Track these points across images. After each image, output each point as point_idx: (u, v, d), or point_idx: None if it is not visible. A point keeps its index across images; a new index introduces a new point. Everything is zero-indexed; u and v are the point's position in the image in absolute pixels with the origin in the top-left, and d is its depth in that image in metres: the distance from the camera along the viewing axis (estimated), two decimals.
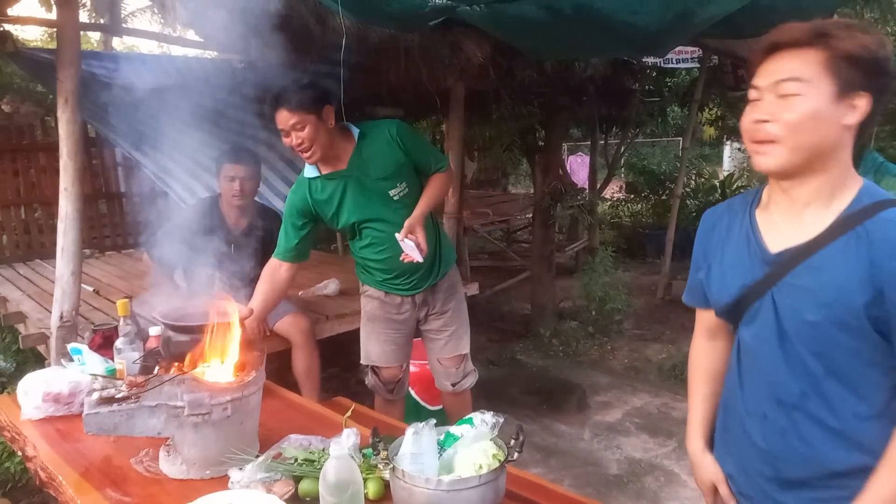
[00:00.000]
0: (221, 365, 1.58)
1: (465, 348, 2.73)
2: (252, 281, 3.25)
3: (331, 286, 3.90)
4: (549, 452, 3.36)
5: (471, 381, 2.77)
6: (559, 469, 3.20)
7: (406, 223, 2.34)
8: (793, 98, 1.14)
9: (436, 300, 2.69)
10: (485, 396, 3.56)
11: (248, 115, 4.53)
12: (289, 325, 3.25)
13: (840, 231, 1.15)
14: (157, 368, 1.63)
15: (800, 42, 1.15)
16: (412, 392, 3.29)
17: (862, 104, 1.13)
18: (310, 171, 2.49)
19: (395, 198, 2.45)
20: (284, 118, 2.32)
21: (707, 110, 7.86)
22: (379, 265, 2.61)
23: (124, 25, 5.27)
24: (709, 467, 1.43)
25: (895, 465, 1.13)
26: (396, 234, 2.35)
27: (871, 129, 1.17)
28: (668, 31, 2.58)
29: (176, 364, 1.56)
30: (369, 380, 2.81)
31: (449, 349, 2.73)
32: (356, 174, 2.42)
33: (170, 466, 1.57)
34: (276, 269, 2.65)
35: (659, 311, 5.73)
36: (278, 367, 3.19)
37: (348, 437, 1.26)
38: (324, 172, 2.46)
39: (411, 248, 2.32)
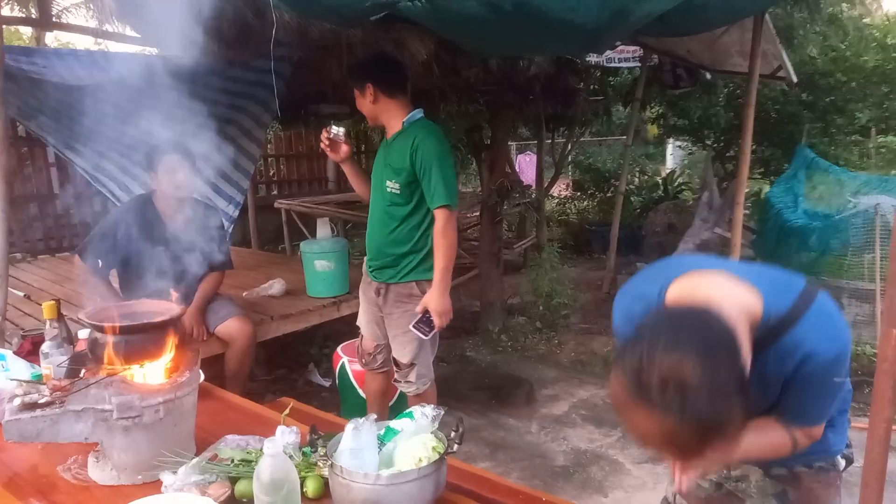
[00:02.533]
0: (153, 366, 1.53)
1: (405, 357, 2.71)
2: (190, 277, 3.16)
3: (276, 286, 3.84)
4: (496, 447, 3.39)
5: (411, 388, 2.75)
6: (507, 462, 3.23)
7: (432, 302, 2.56)
8: None
9: (387, 299, 2.73)
10: None
11: (183, 111, 4.41)
12: (231, 329, 3.18)
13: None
14: (83, 372, 1.57)
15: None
16: (358, 390, 3.26)
17: None
18: None
19: (387, 189, 2.63)
20: None
21: (649, 108, 8.05)
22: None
23: (57, 20, 5.07)
24: None
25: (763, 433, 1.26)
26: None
27: None
28: (605, 28, 2.62)
29: (104, 366, 1.50)
30: (358, 341, 3.00)
31: (393, 350, 2.76)
32: (384, 152, 2.69)
33: (99, 473, 1.51)
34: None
35: (605, 306, 5.84)
36: (218, 371, 3.11)
37: (283, 435, 1.23)
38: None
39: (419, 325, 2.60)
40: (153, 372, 1.53)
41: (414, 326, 2.58)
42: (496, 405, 3.87)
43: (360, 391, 3.24)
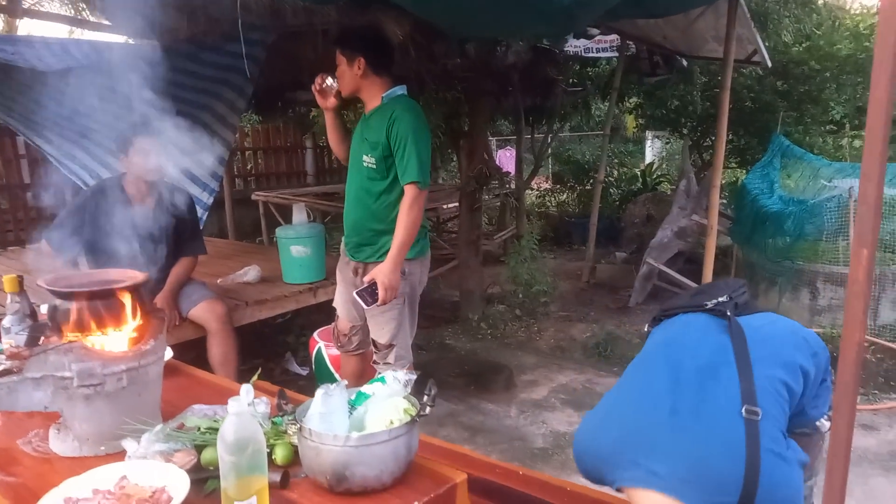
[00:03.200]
0: (115, 334, 1.49)
1: (384, 338, 2.68)
2: (163, 261, 3.10)
3: (251, 273, 3.78)
4: (475, 430, 3.37)
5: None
6: (486, 445, 3.21)
7: (380, 275, 2.50)
8: None
9: (362, 279, 2.68)
10: None
11: (156, 97, 4.34)
12: (204, 311, 3.12)
13: None
14: (42, 340, 1.51)
15: None
16: (334, 374, 3.22)
17: None
18: None
19: (364, 163, 2.60)
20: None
21: (627, 99, 8.09)
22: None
23: (29, 9, 4.95)
24: None
25: None
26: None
27: None
28: (581, 4, 2.61)
29: (64, 334, 1.46)
30: (334, 323, 2.98)
31: (371, 331, 2.73)
32: (362, 127, 2.67)
33: (60, 444, 1.46)
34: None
35: (584, 294, 5.85)
36: (195, 357, 3.06)
37: (247, 394, 1.19)
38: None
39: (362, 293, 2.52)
40: (116, 340, 1.49)
41: (357, 294, 2.51)
42: (475, 391, 3.85)
43: (337, 375, 3.20)
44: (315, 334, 3.44)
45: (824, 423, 1.54)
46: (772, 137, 5.66)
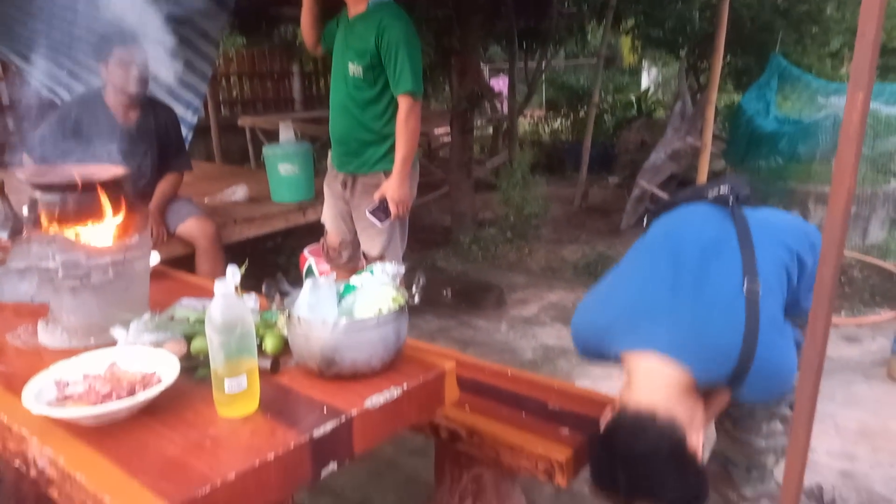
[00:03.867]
0: (99, 227, 1.46)
1: (374, 250, 2.68)
2: (148, 177, 3.05)
3: (239, 192, 3.74)
4: (466, 344, 3.42)
5: None
6: (477, 357, 3.25)
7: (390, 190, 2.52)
8: None
9: (354, 191, 2.68)
10: None
11: (136, 11, 4.17)
12: (192, 228, 3.09)
13: None
14: (25, 233, 1.49)
15: None
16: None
17: None
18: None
19: (349, 72, 2.52)
20: None
21: (623, 20, 7.85)
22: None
23: None
24: None
25: None
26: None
27: None
28: None
29: (44, 226, 1.43)
30: (323, 238, 2.99)
31: (362, 243, 2.74)
32: (344, 34, 2.56)
33: (49, 337, 1.46)
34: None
35: (576, 218, 5.85)
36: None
37: (234, 275, 1.19)
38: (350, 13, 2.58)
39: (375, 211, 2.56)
40: (100, 234, 1.46)
41: (370, 213, 2.54)
42: (466, 308, 3.89)
43: None
44: (305, 250, 3.43)
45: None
46: (770, 57, 5.54)
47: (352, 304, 1.38)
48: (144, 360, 1.28)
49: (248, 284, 4.11)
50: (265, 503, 1.10)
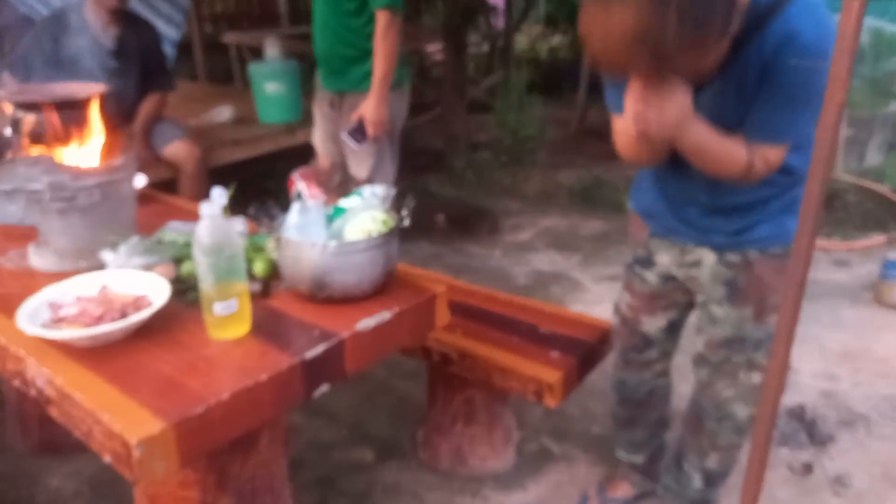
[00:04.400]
0: (83, 148, 1.43)
1: (363, 173, 2.65)
2: (131, 97, 2.97)
3: (225, 113, 3.65)
4: (459, 270, 3.44)
5: None
6: (470, 283, 3.28)
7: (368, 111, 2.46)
8: None
9: (342, 111, 2.63)
10: None
11: None
12: (178, 150, 3.03)
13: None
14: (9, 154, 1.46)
15: None
16: None
17: None
18: None
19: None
20: None
21: None
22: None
23: None
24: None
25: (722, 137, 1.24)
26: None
27: None
28: None
29: (28, 147, 1.40)
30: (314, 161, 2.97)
31: (350, 166, 2.70)
32: None
33: (40, 259, 1.46)
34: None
35: (572, 141, 5.77)
36: None
37: (220, 196, 1.17)
38: None
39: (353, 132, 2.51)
40: (84, 155, 1.43)
41: (347, 133, 2.51)
42: (459, 234, 3.89)
43: None
44: (293, 174, 3.38)
45: None
46: None
47: (341, 226, 1.38)
48: (135, 283, 1.28)
49: (237, 210, 4.08)
50: (259, 421, 1.13)
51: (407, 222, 1.36)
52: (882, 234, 3.65)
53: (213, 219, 1.12)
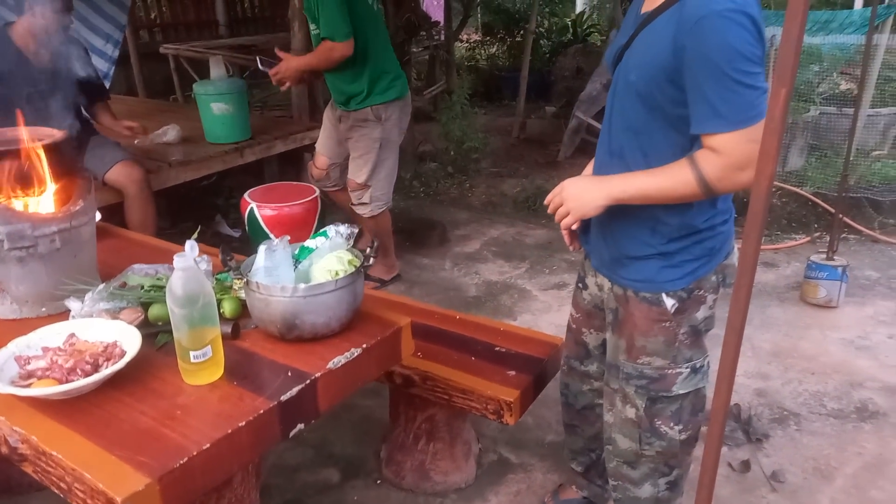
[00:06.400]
0: (42, 195, 1.43)
1: (360, 178, 3.06)
2: (70, 120, 2.89)
3: (171, 133, 3.59)
4: (412, 283, 3.50)
5: (366, 210, 3.14)
6: (422, 296, 3.35)
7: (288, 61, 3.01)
8: None
9: (347, 124, 3.06)
10: None
11: None
12: (120, 174, 2.98)
13: (670, 2, 1.20)
14: None
15: None
16: (269, 234, 3.21)
17: None
18: None
19: (313, 32, 2.94)
20: None
21: None
22: None
23: None
24: None
25: (661, 172, 1.27)
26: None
27: None
28: None
29: None
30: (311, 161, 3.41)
31: (350, 171, 3.12)
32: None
33: (0, 307, 1.44)
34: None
35: (514, 150, 5.91)
36: (119, 224, 2.96)
37: (192, 249, 1.20)
38: None
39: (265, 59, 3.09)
40: (43, 201, 1.43)
41: (261, 58, 3.11)
42: (410, 246, 3.95)
43: (272, 235, 3.20)
44: (246, 195, 3.37)
45: (666, 301, 1.41)
46: None
47: (308, 267, 1.42)
48: (103, 330, 1.29)
49: (184, 228, 4.08)
50: (238, 465, 1.17)
51: (372, 261, 1.41)
52: (806, 235, 3.91)
53: (185, 270, 1.15)
